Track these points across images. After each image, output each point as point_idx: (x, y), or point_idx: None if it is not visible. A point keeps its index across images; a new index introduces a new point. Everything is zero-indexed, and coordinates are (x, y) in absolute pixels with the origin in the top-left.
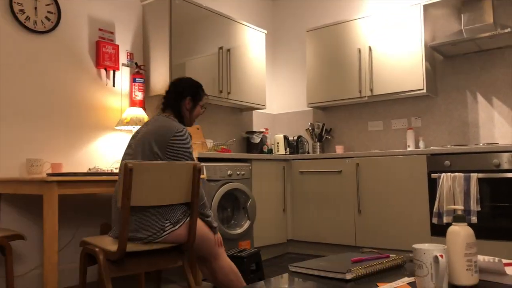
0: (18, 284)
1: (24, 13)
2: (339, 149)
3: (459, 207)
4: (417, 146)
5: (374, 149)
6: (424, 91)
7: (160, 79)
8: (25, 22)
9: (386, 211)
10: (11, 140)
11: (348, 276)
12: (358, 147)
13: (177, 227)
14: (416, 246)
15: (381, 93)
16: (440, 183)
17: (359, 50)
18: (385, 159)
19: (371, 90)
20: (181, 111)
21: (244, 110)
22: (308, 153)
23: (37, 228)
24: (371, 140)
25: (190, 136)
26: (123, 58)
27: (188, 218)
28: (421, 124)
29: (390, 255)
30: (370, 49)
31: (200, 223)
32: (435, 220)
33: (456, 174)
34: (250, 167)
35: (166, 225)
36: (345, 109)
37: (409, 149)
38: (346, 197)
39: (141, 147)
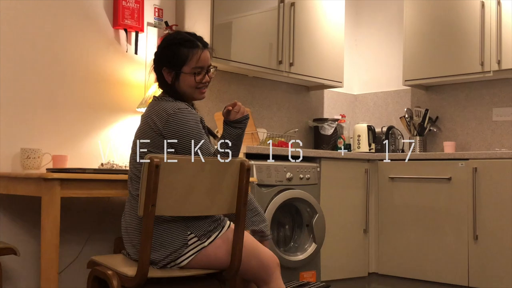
0: None
1: None
2: (449, 147)
3: None
4: None
5: (500, 148)
6: None
7: None
8: None
9: None
10: (1, 124)
11: None
12: (477, 144)
13: (206, 243)
14: None
15: None
16: None
17: (482, 5)
18: None
19: (499, 63)
20: (172, 87)
21: (312, 89)
22: (403, 151)
23: (33, 241)
24: (497, 134)
25: (194, 114)
26: (149, 16)
27: (224, 230)
28: None
29: None
30: (499, 3)
31: (245, 236)
32: None
33: None
34: (318, 169)
35: (190, 238)
36: (459, 90)
37: None
38: (456, 215)
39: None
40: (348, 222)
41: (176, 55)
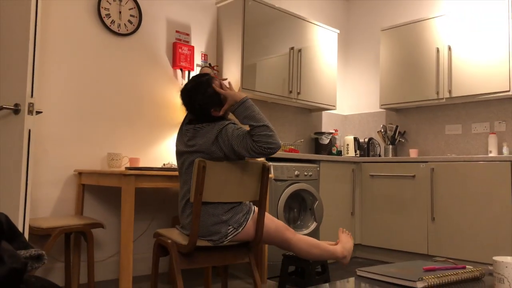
0: (98, 269)
1: (110, 17)
2: (413, 153)
3: None
4: (500, 152)
5: (450, 154)
6: (510, 93)
7: (232, 80)
8: (110, 25)
9: (462, 220)
10: (94, 135)
11: (419, 285)
12: (434, 151)
13: (240, 230)
14: (497, 258)
15: (461, 95)
16: None
17: (438, 50)
18: (463, 164)
19: (450, 92)
20: (216, 118)
21: (314, 111)
22: (380, 156)
23: (115, 218)
24: (448, 144)
25: (235, 123)
26: (197, 59)
27: (251, 216)
28: (506, 129)
29: (467, 266)
30: (449, 48)
31: (268, 218)
32: None
33: None
34: (318, 168)
35: (229, 231)
36: (421, 111)
37: (490, 155)
38: (419, 203)
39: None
40: (339, 207)
41: (212, 95)
